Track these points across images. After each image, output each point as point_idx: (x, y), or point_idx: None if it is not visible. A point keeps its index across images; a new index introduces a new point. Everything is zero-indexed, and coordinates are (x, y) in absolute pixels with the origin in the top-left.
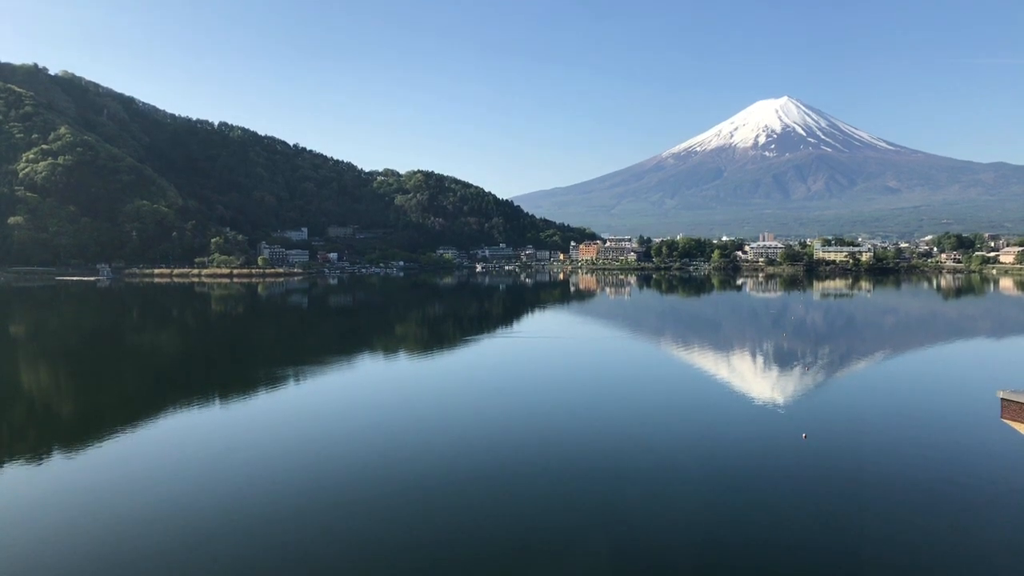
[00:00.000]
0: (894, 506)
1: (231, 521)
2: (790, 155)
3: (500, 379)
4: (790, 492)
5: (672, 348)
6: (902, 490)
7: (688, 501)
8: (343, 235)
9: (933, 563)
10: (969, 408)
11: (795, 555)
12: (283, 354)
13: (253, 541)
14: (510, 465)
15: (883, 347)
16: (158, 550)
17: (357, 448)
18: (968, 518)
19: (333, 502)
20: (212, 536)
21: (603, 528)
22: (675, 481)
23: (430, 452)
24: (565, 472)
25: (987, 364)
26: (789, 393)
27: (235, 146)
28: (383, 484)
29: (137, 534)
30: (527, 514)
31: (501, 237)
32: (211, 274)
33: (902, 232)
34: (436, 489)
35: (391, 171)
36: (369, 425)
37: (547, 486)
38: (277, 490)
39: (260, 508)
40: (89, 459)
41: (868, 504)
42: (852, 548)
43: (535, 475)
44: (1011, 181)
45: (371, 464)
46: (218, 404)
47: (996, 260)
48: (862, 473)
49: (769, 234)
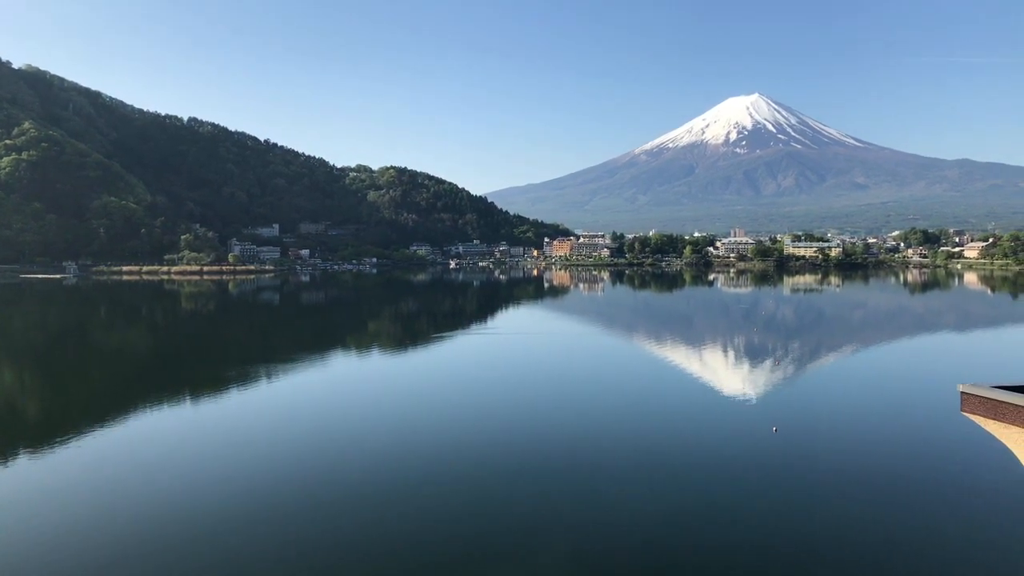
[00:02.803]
0: (859, 497)
1: (200, 522)
2: (761, 152)
3: (475, 376)
4: (760, 485)
5: (645, 344)
6: (867, 482)
7: (661, 495)
8: (315, 232)
9: (896, 551)
10: (932, 401)
11: (762, 546)
12: (254, 352)
13: (223, 542)
14: (485, 462)
15: (851, 341)
16: (120, 552)
17: (330, 446)
18: (930, 509)
19: (308, 502)
20: (178, 537)
21: (575, 522)
22: (648, 475)
23: (403, 449)
24: (540, 467)
25: (949, 358)
26: (760, 387)
27: (205, 142)
28: (357, 483)
29: (101, 535)
30: (497, 510)
31: (475, 233)
32: (181, 271)
33: (870, 228)
34: (406, 487)
35: (363, 167)
36: (342, 424)
37: (521, 482)
38: (249, 489)
39: (231, 507)
40: (55, 460)
41: (835, 496)
42: (818, 539)
43: (509, 471)
44: (975, 178)
45: (344, 461)
46: (188, 403)
47: (961, 255)
48: (830, 466)
49: (740, 230)
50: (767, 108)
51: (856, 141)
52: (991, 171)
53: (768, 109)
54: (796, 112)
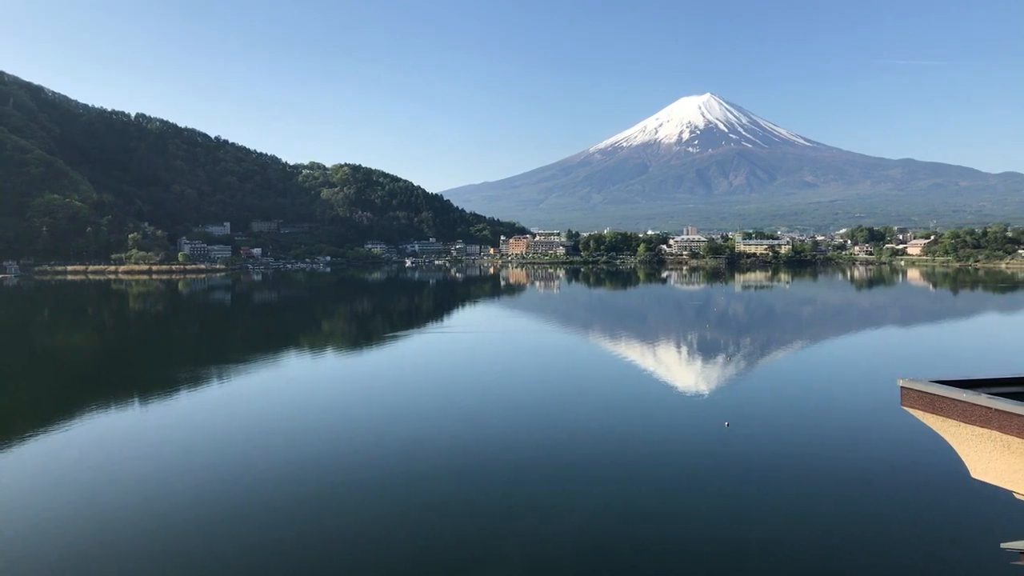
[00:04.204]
0: (807, 489)
1: (151, 527)
2: (712, 151)
3: (430, 375)
4: (713, 478)
5: (600, 341)
6: (814, 474)
7: (616, 491)
8: (267, 230)
9: (842, 540)
10: (876, 395)
11: (713, 539)
12: (206, 353)
13: (171, 547)
14: (439, 461)
15: (801, 337)
16: (64, 560)
17: (281, 450)
18: (872, 499)
19: (261, 507)
20: (127, 543)
21: (530, 518)
22: (603, 471)
23: (355, 451)
24: (494, 465)
25: (893, 353)
26: (713, 383)
27: (153, 138)
28: (310, 486)
29: (39, 543)
30: (454, 510)
31: (431, 232)
32: (129, 271)
33: (819, 225)
34: (358, 490)
35: (317, 164)
36: (294, 426)
37: (474, 480)
38: (198, 493)
39: (181, 512)
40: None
41: (784, 488)
42: (768, 530)
43: (461, 470)
44: (918, 177)
45: (296, 466)
46: (137, 406)
47: (904, 252)
48: (779, 459)
49: (692, 228)
50: (719, 108)
51: (805, 141)
52: (933, 171)
53: (720, 109)
54: (747, 112)
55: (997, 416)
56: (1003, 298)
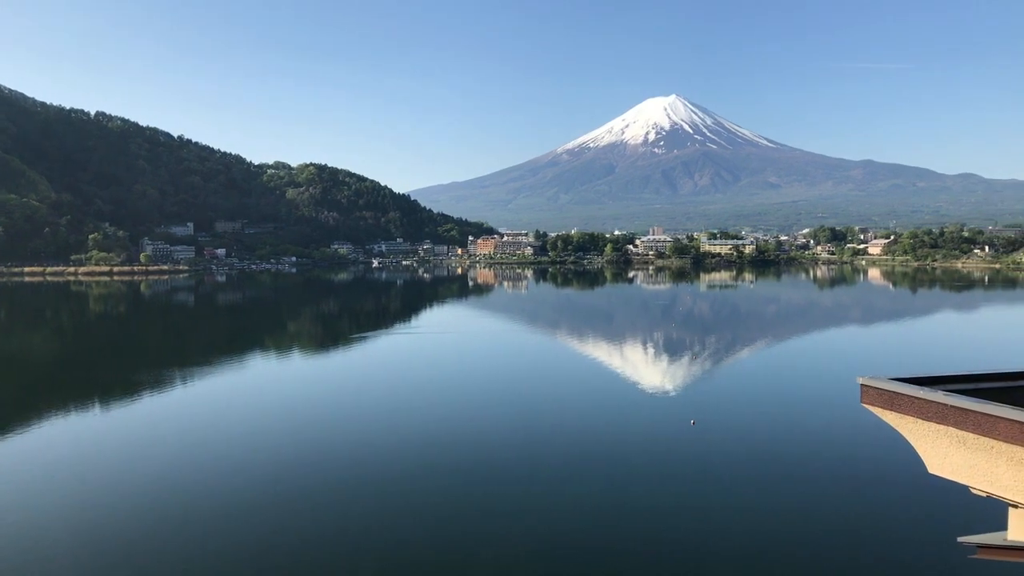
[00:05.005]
0: (771, 486)
1: (111, 531)
2: (678, 152)
3: (396, 376)
4: (679, 476)
5: (568, 340)
6: (778, 470)
7: (583, 489)
8: (231, 230)
9: (801, 535)
10: (838, 393)
11: (679, 536)
12: (168, 356)
13: (133, 547)
14: (403, 461)
15: (765, 336)
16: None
17: (245, 452)
18: (833, 495)
19: (222, 510)
20: (81, 549)
21: (497, 521)
22: (571, 471)
23: (321, 454)
24: (462, 465)
25: (853, 351)
26: (679, 381)
27: (114, 137)
28: (276, 488)
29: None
30: (419, 510)
31: (398, 232)
32: (89, 272)
33: (782, 225)
34: (323, 494)
35: (282, 164)
36: (257, 429)
37: (439, 481)
38: (162, 495)
39: (143, 513)
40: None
41: (749, 485)
42: (732, 526)
43: (427, 473)
44: (878, 178)
45: (260, 469)
46: (97, 410)
47: (865, 252)
48: (744, 456)
49: (659, 228)
50: (684, 109)
51: (768, 142)
52: (892, 171)
53: (685, 110)
54: (712, 113)
55: (953, 413)
56: (959, 296)
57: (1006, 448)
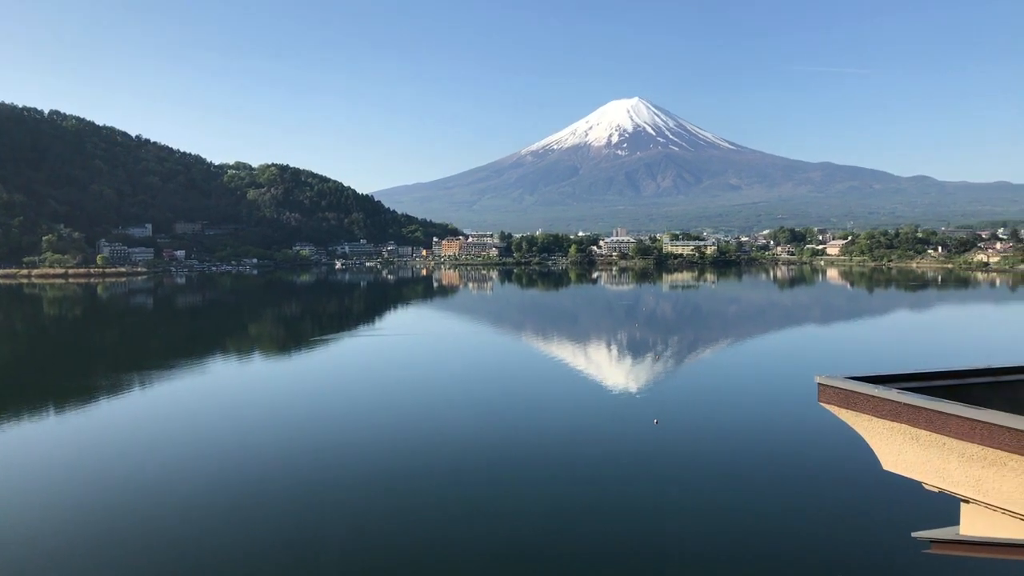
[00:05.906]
0: (728, 485)
1: (73, 536)
2: (641, 154)
3: (361, 379)
4: (642, 476)
5: (533, 341)
6: (736, 470)
7: (547, 489)
8: (191, 231)
9: (759, 533)
10: (796, 392)
11: (641, 534)
12: (126, 359)
13: (98, 554)
14: (367, 466)
15: (726, 335)
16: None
17: (207, 458)
18: (791, 493)
19: (184, 515)
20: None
21: (461, 523)
22: (535, 471)
23: (281, 458)
24: (425, 467)
25: (812, 350)
26: (642, 381)
27: (69, 136)
28: (237, 494)
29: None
30: (385, 515)
31: (362, 233)
32: (43, 274)
33: (743, 227)
34: (285, 499)
35: (243, 164)
36: (219, 435)
37: (403, 482)
38: (119, 501)
39: (102, 519)
40: None
41: (706, 484)
42: (694, 524)
43: (390, 475)
44: (836, 179)
45: (222, 475)
46: (52, 415)
47: (824, 252)
48: (705, 455)
49: (622, 229)
50: (647, 111)
51: (729, 144)
52: (849, 173)
53: (648, 112)
54: (674, 116)
55: (906, 410)
56: (913, 296)
57: (957, 444)
